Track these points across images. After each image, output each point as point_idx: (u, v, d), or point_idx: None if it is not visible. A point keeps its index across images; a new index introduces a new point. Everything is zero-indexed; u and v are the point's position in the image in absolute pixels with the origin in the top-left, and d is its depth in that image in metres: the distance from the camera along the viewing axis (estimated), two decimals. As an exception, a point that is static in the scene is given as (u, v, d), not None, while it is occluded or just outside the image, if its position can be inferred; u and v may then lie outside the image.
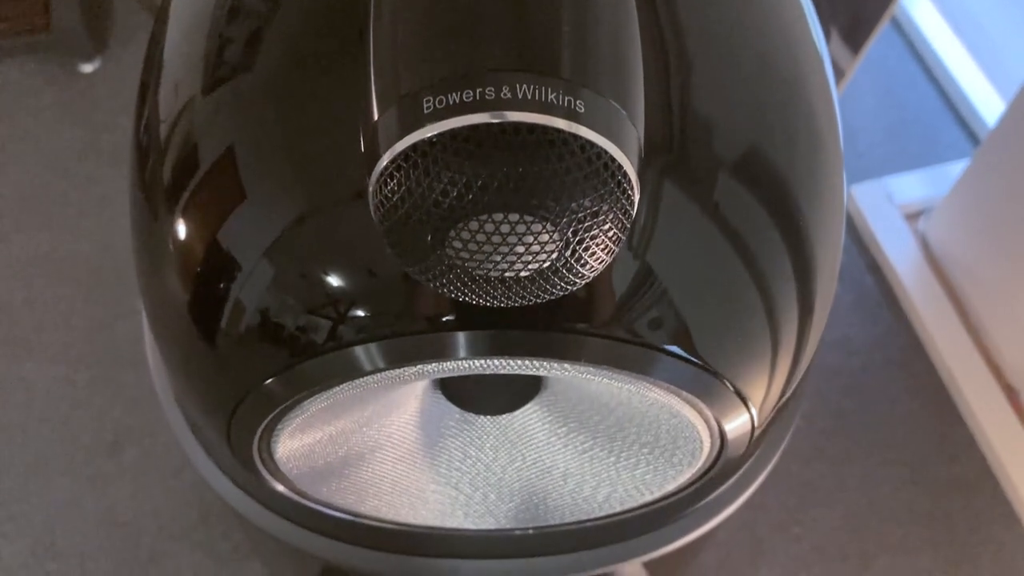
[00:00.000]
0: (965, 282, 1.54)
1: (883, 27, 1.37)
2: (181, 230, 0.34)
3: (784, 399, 0.34)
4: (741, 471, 0.46)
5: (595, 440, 0.35)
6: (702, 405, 0.30)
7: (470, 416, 0.36)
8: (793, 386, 0.34)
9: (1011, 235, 1.41)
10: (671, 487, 0.35)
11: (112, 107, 1.71)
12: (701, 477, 0.35)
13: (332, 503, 0.37)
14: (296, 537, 0.45)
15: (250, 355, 0.30)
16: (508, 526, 0.39)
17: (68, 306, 1.50)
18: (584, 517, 0.38)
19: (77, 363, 1.45)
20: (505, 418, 0.36)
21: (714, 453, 0.33)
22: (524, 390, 0.34)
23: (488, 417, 0.36)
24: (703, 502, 0.46)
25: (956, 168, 1.61)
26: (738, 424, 0.32)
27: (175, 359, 0.34)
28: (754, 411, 0.31)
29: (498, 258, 0.23)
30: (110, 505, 1.35)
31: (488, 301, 0.25)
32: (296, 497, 0.36)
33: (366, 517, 0.38)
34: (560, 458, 0.36)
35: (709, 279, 0.29)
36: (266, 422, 0.30)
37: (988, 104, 1.74)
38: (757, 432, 0.33)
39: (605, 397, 0.32)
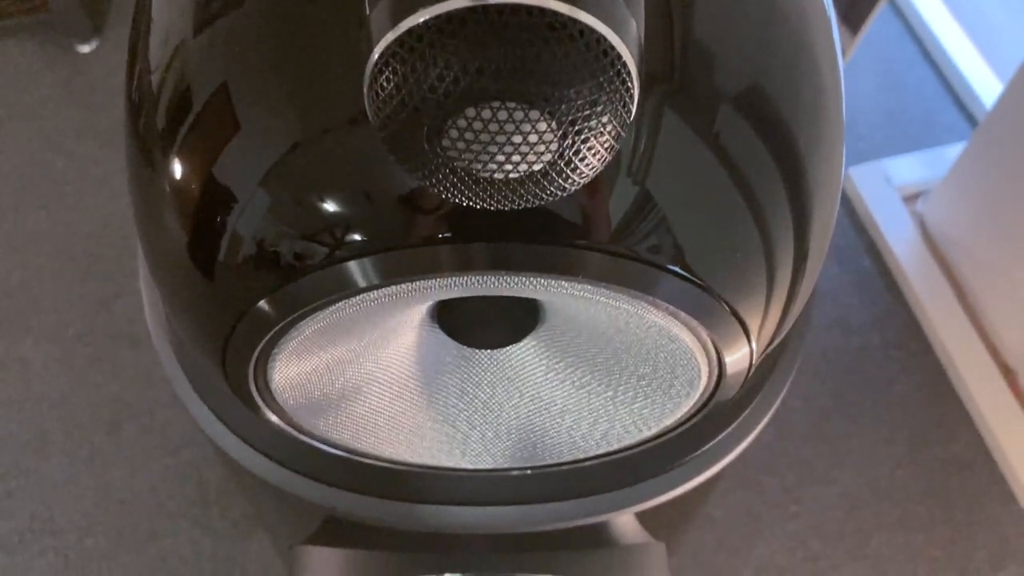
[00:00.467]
0: (963, 263, 1.54)
1: (881, 6, 1.37)
2: (176, 167, 0.34)
3: (781, 335, 0.34)
4: (737, 420, 0.46)
5: (593, 375, 0.35)
6: (700, 328, 0.30)
7: (467, 352, 0.36)
8: (790, 320, 0.34)
9: (1009, 216, 1.42)
10: (669, 421, 0.35)
11: (110, 87, 1.71)
12: (699, 411, 0.35)
13: (329, 439, 0.37)
14: (294, 485, 0.45)
15: (245, 278, 0.30)
16: (505, 465, 0.39)
17: (66, 285, 1.50)
18: (582, 456, 0.38)
19: (75, 341, 1.45)
20: (502, 354, 0.36)
21: (712, 384, 0.33)
22: (521, 323, 0.34)
23: (485, 353, 0.36)
24: (700, 451, 0.46)
25: (954, 150, 1.61)
26: (736, 352, 0.31)
27: (172, 293, 0.34)
28: (752, 337, 0.31)
29: (495, 150, 0.23)
30: (108, 482, 1.35)
31: (485, 203, 0.25)
32: (292, 431, 0.36)
33: (363, 455, 0.38)
34: (558, 394, 0.36)
35: (708, 203, 0.29)
36: (262, 345, 0.30)
37: (986, 86, 1.74)
38: (755, 363, 0.33)
39: (603, 326, 0.32)
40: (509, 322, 0.34)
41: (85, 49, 1.73)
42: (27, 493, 1.34)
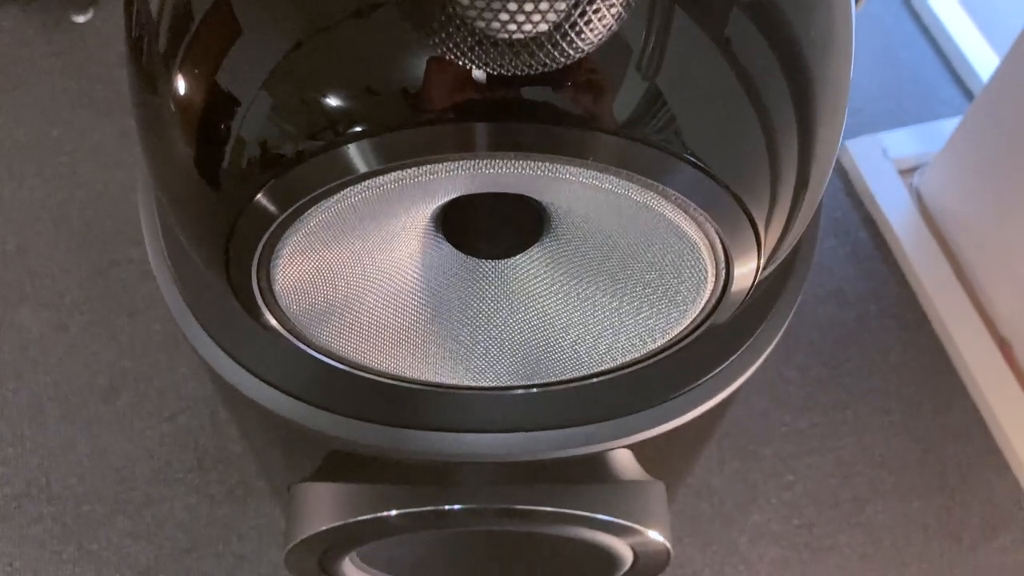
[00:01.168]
0: (959, 236, 1.54)
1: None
2: (176, 65, 0.34)
3: (785, 245, 0.34)
4: (738, 352, 0.46)
5: (598, 286, 0.35)
6: (708, 224, 0.30)
7: (472, 264, 0.36)
8: (794, 228, 0.34)
9: (1005, 189, 1.42)
10: (674, 332, 0.35)
11: (105, 57, 1.70)
12: (704, 322, 0.35)
13: (331, 350, 0.36)
14: (295, 412, 0.45)
15: (245, 172, 0.30)
16: (509, 383, 0.39)
17: (62, 253, 1.50)
18: (586, 372, 0.38)
19: (71, 309, 1.45)
20: (506, 267, 0.36)
21: (717, 290, 0.33)
22: (527, 231, 0.34)
23: (489, 265, 0.36)
24: (702, 380, 0.46)
25: (951, 124, 1.61)
26: (742, 253, 0.31)
27: (174, 196, 0.34)
28: (759, 236, 0.31)
29: (506, 6, 0.23)
30: (104, 449, 1.35)
31: (493, 66, 0.25)
32: (293, 340, 0.36)
33: (365, 369, 0.38)
34: (562, 307, 0.36)
35: (721, 98, 0.29)
36: (265, 240, 0.30)
37: (984, 61, 1.74)
38: (760, 272, 0.33)
39: (609, 228, 0.32)
40: (514, 230, 0.34)
41: (81, 19, 1.72)
42: (23, 460, 1.33)
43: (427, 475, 0.50)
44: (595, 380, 0.40)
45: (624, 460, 0.52)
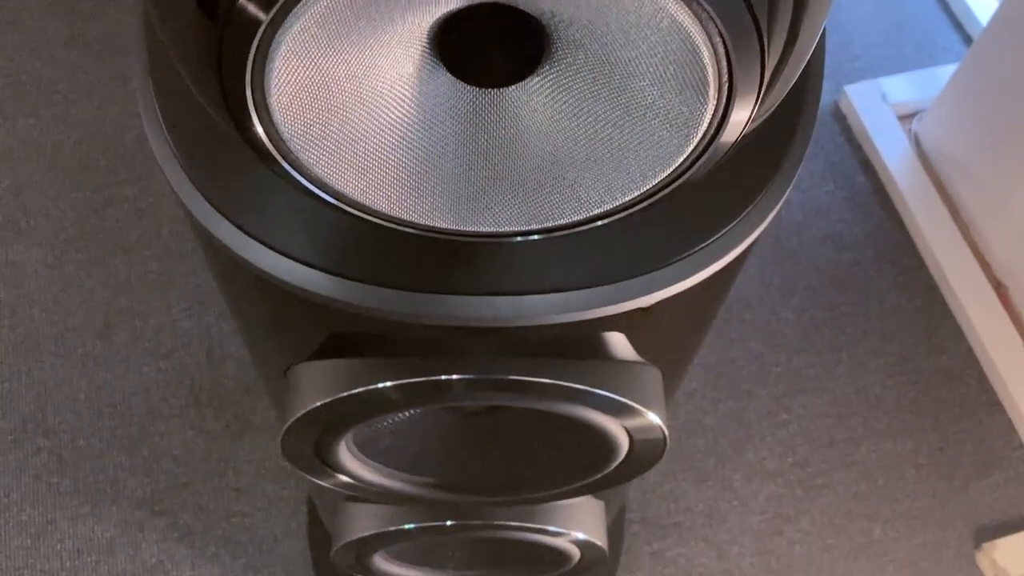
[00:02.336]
0: (956, 180, 1.54)
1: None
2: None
3: (788, 67, 0.34)
4: (742, 215, 0.46)
5: (597, 116, 0.35)
6: (711, 21, 0.29)
7: (470, 96, 0.35)
8: (800, 49, 0.33)
9: (1002, 134, 1.41)
10: (676, 162, 0.35)
11: (99, -4, 1.68)
12: (706, 148, 0.35)
13: (324, 182, 0.36)
14: (296, 276, 0.45)
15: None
16: (506, 229, 0.39)
17: (56, 191, 1.49)
18: (585, 215, 0.38)
19: (66, 247, 1.44)
20: (505, 98, 0.35)
21: (720, 108, 0.33)
22: (526, 55, 0.34)
23: (488, 97, 0.35)
24: (705, 244, 0.45)
25: (950, 70, 1.60)
26: (746, 65, 0.31)
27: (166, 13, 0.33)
28: (764, 45, 0.30)
29: None
30: (100, 385, 1.35)
31: None
32: (287, 166, 0.35)
33: (359, 207, 0.38)
34: (562, 141, 0.36)
35: None
36: (260, 33, 0.29)
37: (983, 6, 1.72)
38: (765, 92, 0.33)
39: (611, 37, 0.31)
40: (513, 54, 0.34)
41: (73, -42, 1.70)
42: (19, 395, 1.33)
43: (425, 349, 0.50)
44: (597, 224, 0.39)
45: (620, 344, 0.52)
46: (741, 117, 0.34)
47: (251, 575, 1.24)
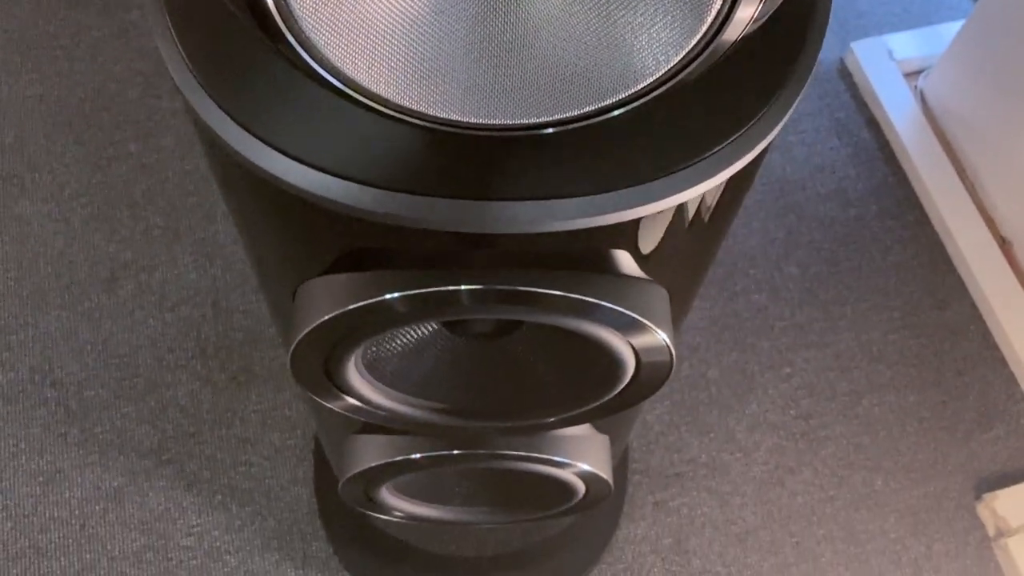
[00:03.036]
0: (962, 137, 1.54)
1: None
2: None
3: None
4: (754, 120, 0.46)
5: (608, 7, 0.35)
6: None
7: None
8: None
9: (1008, 91, 1.41)
10: (690, 44, 0.35)
11: (102, -48, 1.67)
12: (719, 31, 0.35)
13: (340, 69, 0.36)
14: (306, 180, 0.45)
15: None
16: (521, 121, 0.39)
17: (61, 148, 1.49)
18: (597, 105, 0.38)
19: (71, 202, 1.45)
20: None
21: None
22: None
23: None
24: (716, 150, 0.45)
25: (956, 27, 1.59)
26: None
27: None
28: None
29: None
30: (107, 337, 1.35)
31: None
32: (300, 51, 0.35)
33: (375, 98, 0.38)
34: (573, 26, 0.36)
35: None
36: None
37: (993, -37, 1.71)
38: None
39: None
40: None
41: (75, -87, 1.69)
42: (26, 346, 1.34)
43: (434, 261, 0.50)
44: (611, 116, 0.40)
45: (627, 262, 0.53)
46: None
47: (258, 522, 1.25)
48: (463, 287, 0.48)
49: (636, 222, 0.49)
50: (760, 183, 1.53)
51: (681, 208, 0.49)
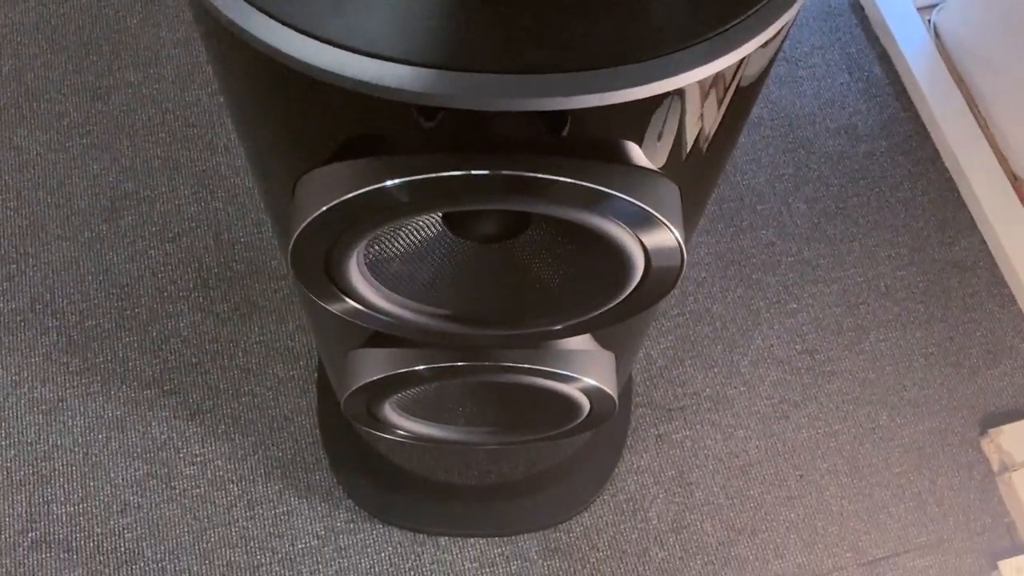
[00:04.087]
0: (975, 72, 1.51)
1: None
2: None
3: None
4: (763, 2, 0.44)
5: None
6: None
7: None
8: None
9: (1022, 26, 1.38)
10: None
11: None
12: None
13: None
14: (307, 51, 0.43)
15: None
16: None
17: (59, 76, 1.47)
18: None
19: (70, 131, 1.43)
20: None
21: None
22: None
23: None
24: (727, 27, 0.44)
25: (974, -43, 1.55)
26: None
27: None
28: None
29: None
30: (108, 267, 1.34)
31: None
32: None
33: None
34: None
35: None
36: None
37: None
38: None
39: None
40: None
41: None
42: (28, 276, 1.33)
43: (439, 145, 0.48)
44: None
45: (638, 154, 0.51)
46: None
47: (261, 452, 1.25)
48: (468, 172, 0.47)
49: (648, 108, 0.47)
50: (769, 117, 1.50)
51: (693, 97, 0.47)
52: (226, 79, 0.52)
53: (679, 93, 0.47)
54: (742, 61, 0.47)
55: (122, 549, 1.19)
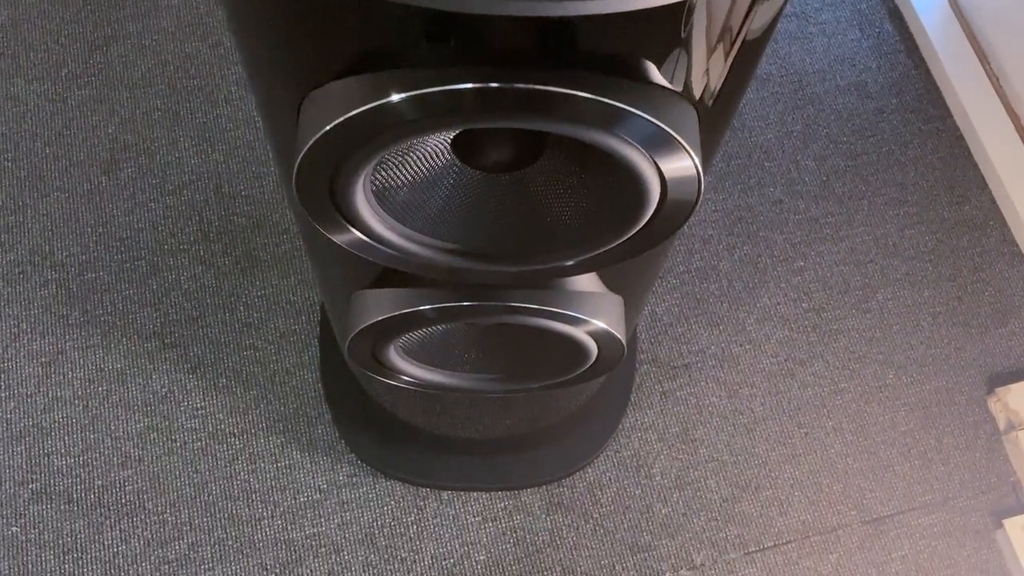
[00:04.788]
0: (988, 30, 1.48)
1: None
2: None
3: None
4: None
5: None
6: None
7: None
8: None
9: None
10: None
11: None
12: None
13: None
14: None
15: None
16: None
17: (57, 26, 1.44)
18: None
19: (69, 82, 1.41)
20: None
21: None
22: None
23: None
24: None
25: (989, -89, 1.52)
26: None
27: None
28: None
29: None
30: (107, 219, 1.33)
31: None
32: None
33: None
34: None
35: None
36: None
37: None
38: None
39: None
40: None
41: None
42: (26, 228, 1.32)
43: (446, 60, 0.47)
44: None
45: (655, 73, 0.49)
46: None
47: (263, 406, 1.24)
48: (481, 84, 0.45)
49: (667, 18, 0.45)
50: (778, 74, 1.48)
51: (711, 13, 0.46)
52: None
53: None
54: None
55: (123, 501, 1.18)
